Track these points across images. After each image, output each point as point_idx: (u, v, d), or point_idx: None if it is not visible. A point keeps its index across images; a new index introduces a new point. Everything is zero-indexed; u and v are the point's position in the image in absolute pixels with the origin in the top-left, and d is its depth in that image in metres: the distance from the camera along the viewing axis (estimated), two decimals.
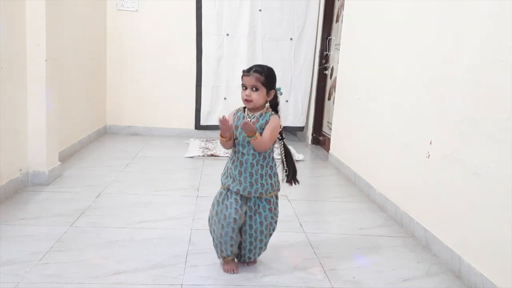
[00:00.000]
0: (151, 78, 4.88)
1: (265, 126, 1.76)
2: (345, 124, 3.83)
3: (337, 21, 4.59)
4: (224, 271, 1.89)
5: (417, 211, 2.44)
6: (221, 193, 1.86)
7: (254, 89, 1.75)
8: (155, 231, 2.28)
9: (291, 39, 4.92)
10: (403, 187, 2.62)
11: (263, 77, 1.75)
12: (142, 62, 4.84)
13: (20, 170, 2.78)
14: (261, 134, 1.75)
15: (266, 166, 1.81)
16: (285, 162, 1.87)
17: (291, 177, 1.89)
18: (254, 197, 1.82)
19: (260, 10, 4.80)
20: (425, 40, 2.44)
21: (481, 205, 1.87)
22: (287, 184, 1.90)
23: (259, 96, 1.76)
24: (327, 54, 4.80)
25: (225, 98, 4.93)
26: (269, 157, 1.82)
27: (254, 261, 1.97)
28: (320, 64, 4.89)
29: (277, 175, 1.85)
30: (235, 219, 1.78)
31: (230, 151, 1.88)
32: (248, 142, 1.77)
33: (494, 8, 1.86)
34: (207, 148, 4.34)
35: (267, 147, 1.77)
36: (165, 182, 3.20)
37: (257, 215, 1.83)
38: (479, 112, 1.91)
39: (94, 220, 2.37)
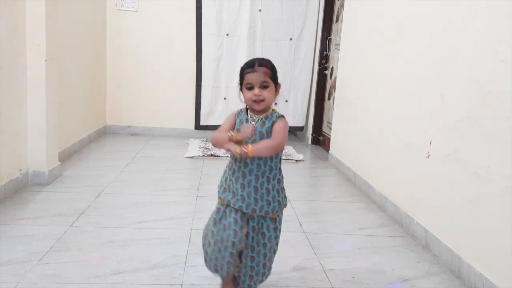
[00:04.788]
0: (151, 78, 4.88)
1: (271, 130, 1.48)
2: (345, 124, 3.83)
3: (337, 21, 4.59)
4: None
5: (417, 211, 2.44)
6: (218, 210, 1.55)
7: (263, 86, 1.47)
8: (155, 231, 2.28)
9: (290, 39, 4.92)
10: (403, 187, 2.62)
11: (270, 70, 1.48)
12: (142, 62, 4.84)
13: (20, 170, 2.78)
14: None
15: (273, 179, 1.52)
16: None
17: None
18: (258, 216, 1.53)
19: (260, 10, 4.80)
20: (425, 39, 2.44)
21: (481, 205, 1.87)
22: None
23: (270, 94, 1.48)
24: (327, 54, 4.79)
25: (225, 98, 4.93)
26: (276, 169, 1.53)
27: None
28: (320, 64, 4.89)
29: (284, 190, 1.59)
30: (233, 243, 1.49)
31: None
32: None
33: (494, 7, 1.86)
34: (207, 148, 4.34)
35: (281, 147, 1.48)
36: (165, 182, 3.20)
37: (260, 236, 1.54)
38: (479, 112, 1.91)
39: (94, 220, 2.37)
